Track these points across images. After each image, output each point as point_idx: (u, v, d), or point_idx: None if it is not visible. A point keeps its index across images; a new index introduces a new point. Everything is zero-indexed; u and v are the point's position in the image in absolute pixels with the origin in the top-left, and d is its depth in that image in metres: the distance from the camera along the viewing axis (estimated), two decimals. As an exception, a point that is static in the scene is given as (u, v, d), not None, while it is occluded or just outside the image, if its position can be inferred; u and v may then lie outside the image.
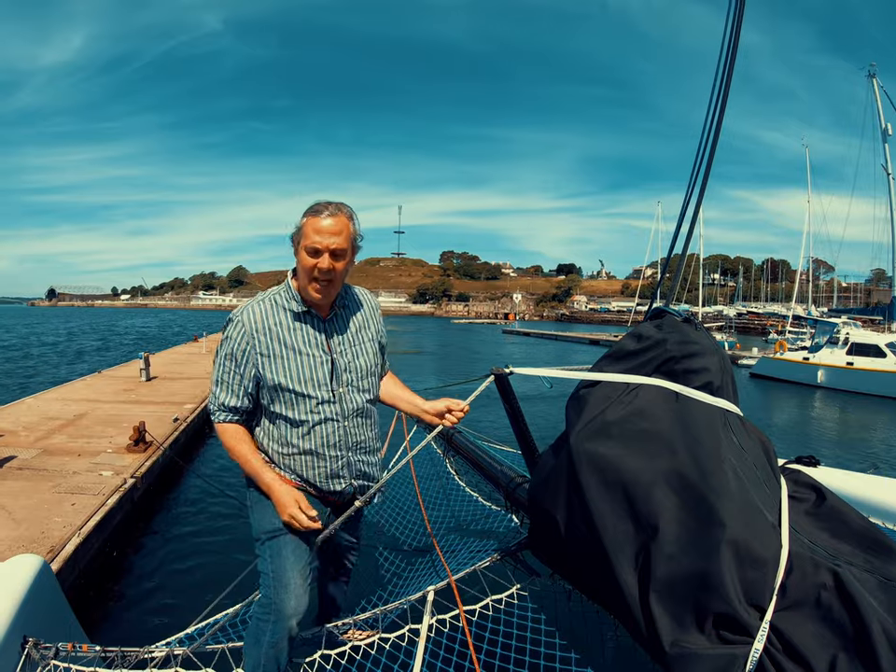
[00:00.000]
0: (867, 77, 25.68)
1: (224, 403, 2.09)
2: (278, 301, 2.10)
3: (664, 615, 1.55)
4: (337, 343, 2.14)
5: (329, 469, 2.16)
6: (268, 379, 2.04)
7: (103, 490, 5.54)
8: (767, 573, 1.53)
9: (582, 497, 1.80)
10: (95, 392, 11.43)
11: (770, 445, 2.01)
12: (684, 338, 2.06)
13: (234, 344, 2.04)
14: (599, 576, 1.77)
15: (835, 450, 12.31)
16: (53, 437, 7.53)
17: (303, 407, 2.08)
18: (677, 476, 1.70)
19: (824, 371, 22.25)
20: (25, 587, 2.17)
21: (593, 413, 1.93)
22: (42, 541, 4.35)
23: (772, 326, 50.63)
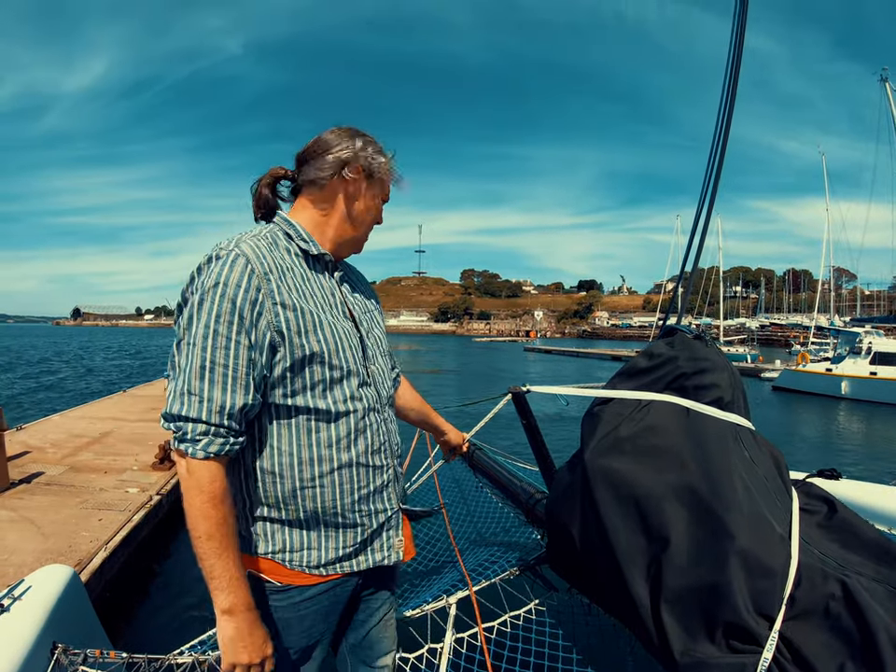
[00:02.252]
0: (880, 82, 25.60)
1: (227, 409, 1.24)
2: (278, 241, 1.42)
3: (674, 625, 1.58)
4: (353, 304, 1.55)
5: (374, 486, 1.48)
6: (296, 346, 1.31)
7: (129, 506, 5.65)
8: (776, 583, 1.55)
9: (597, 512, 1.83)
10: (121, 411, 11.55)
11: (782, 459, 2.03)
12: (694, 355, 2.10)
13: (238, 292, 1.24)
14: (614, 589, 1.80)
15: (860, 462, 12.12)
16: (80, 454, 7.66)
17: (342, 391, 1.39)
18: (687, 490, 1.73)
19: (847, 381, 22.06)
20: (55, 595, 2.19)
21: (606, 429, 1.97)
22: (70, 554, 4.47)
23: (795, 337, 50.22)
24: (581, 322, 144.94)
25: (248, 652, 1.28)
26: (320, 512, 1.39)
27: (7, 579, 3.94)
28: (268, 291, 1.28)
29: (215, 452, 1.24)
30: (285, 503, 1.37)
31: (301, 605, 1.43)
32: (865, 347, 22.36)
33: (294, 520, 1.39)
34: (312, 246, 1.45)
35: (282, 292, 1.31)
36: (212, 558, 1.23)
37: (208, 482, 1.24)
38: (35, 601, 2.12)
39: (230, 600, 1.25)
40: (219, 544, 1.23)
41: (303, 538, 1.40)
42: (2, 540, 4.68)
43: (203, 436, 1.23)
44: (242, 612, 1.26)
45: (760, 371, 29.80)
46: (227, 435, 1.26)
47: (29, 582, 2.23)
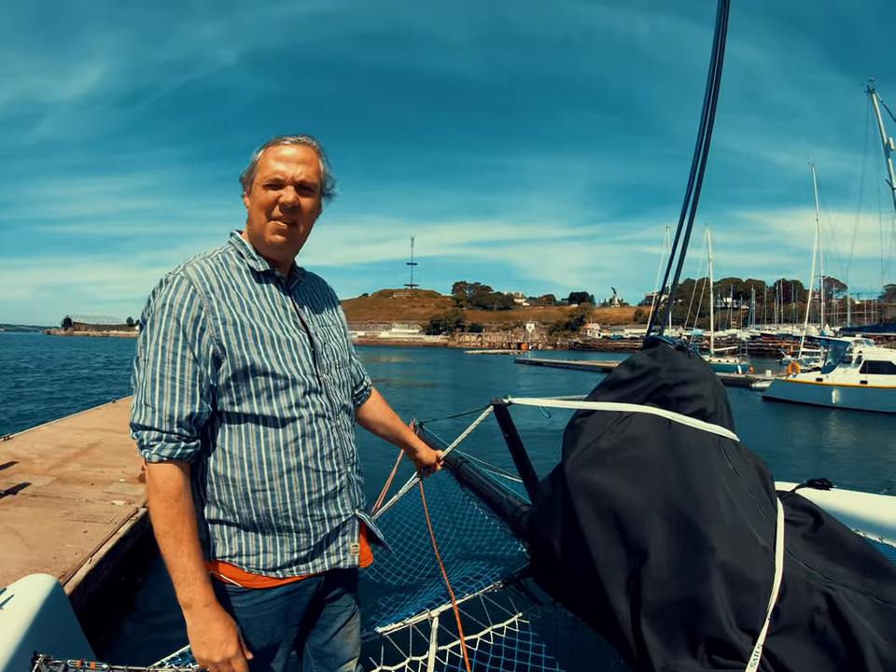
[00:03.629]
0: (867, 93, 25.87)
1: (175, 417, 1.34)
2: (228, 261, 1.51)
3: (654, 639, 1.56)
4: (308, 317, 1.61)
5: (325, 491, 1.52)
6: (236, 357, 1.39)
7: (115, 519, 5.59)
8: (759, 597, 1.54)
9: (577, 525, 1.83)
10: (109, 422, 11.45)
11: (767, 470, 2.03)
12: (676, 365, 2.09)
13: (181, 312, 1.35)
14: (595, 602, 1.79)
15: (851, 471, 12.14)
16: (67, 465, 7.59)
17: (287, 398, 1.45)
18: (667, 502, 1.72)
19: (838, 390, 22.17)
20: (37, 605, 2.17)
21: (587, 441, 1.96)
22: (54, 565, 4.41)
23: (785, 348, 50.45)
24: (573, 334, 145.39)
25: (207, 648, 1.35)
26: (272, 516, 1.45)
27: (-10, 590, 3.90)
28: (209, 308, 1.38)
29: (167, 455, 1.34)
30: (238, 507, 1.44)
31: (261, 606, 1.48)
32: (855, 356, 22.48)
33: (248, 524, 1.45)
34: (259, 264, 1.54)
35: (222, 308, 1.40)
36: (169, 554, 1.33)
37: (162, 482, 1.34)
38: (16, 610, 2.10)
39: (187, 594, 1.34)
40: (174, 539, 1.33)
41: (258, 541, 1.46)
42: (-15, 551, 4.62)
43: (157, 441, 1.34)
44: (200, 608, 1.35)
45: (750, 382, 29.90)
46: (178, 440, 1.36)
47: (11, 591, 2.21)
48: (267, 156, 1.52)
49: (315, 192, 1.56)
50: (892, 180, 24.68)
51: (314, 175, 1.55)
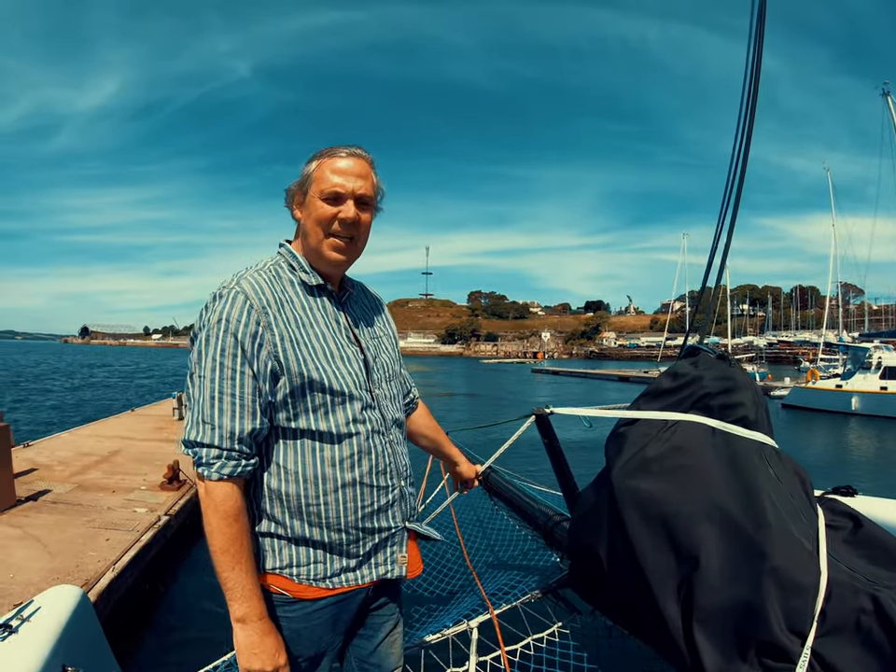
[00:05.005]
0: (882, 96, 25.74)
1: (236, 434, 1.33)
2: (280, 274, 1.50)
3: (707, 645, 1.59)
4: (360, 331, 1.60)
5: (378, 505, 1.51)
6: (294, 374, 1.38)
7: (137, 526, 5.60)
8: (808, 600, 1.56)
9: (625, 533, 1.85)
10: (128, 430, 11.54)
11: (806, 476, 2.04)
12: (719, 374, 2.11)
13: (238, 328, 1.33)
14: (642, 610, 1.81)
15: (874, 478, 12.09)
16: (88, 472, 7.63)
17: (344, 414, 1.44)
18: (717, 509, 1.74)
19: (858, 397, 21.97)
20: (65, 617, 2.14)
21: (633, 450, 1.98)
22: (76, 574, 4.41)
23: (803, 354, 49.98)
24: (589, 343, 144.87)
25: (260, 660, 1.35)
26: (325, 529, 1.45)
27: (13, 598, 3.97)
28: (266, 324, 1.37)
29: (228, 473, 1.34)
30: (291, 520, 1.44)
31: (310, 616, 1.48)
32: (875, 362, 22.25)
33: (300, 537, 1.44)
34: (312, 278, 1.52)
35: (279, 324, 1.39)
36: (226, 570, 1.32)
37: (222, 501, 1.33)
38: (44, 623, 2.08)
39: (242, 609, 1.33)
40: (232, 558, 1.32)
41: (309, 553, 1.46)
42: (8, 558, 4.69)
43: (217, 459, 1.33)
44: (254, 621, 1.34)
45: (769, 390, 29.58)
46: (238, 458, 1.35)
47: (38, 603, 2.20)
48: (323, 168, 1.48)
49: (371, 206, 1.54)
50: (908, 183, 24.38)
51: (370, 189, 1.52)
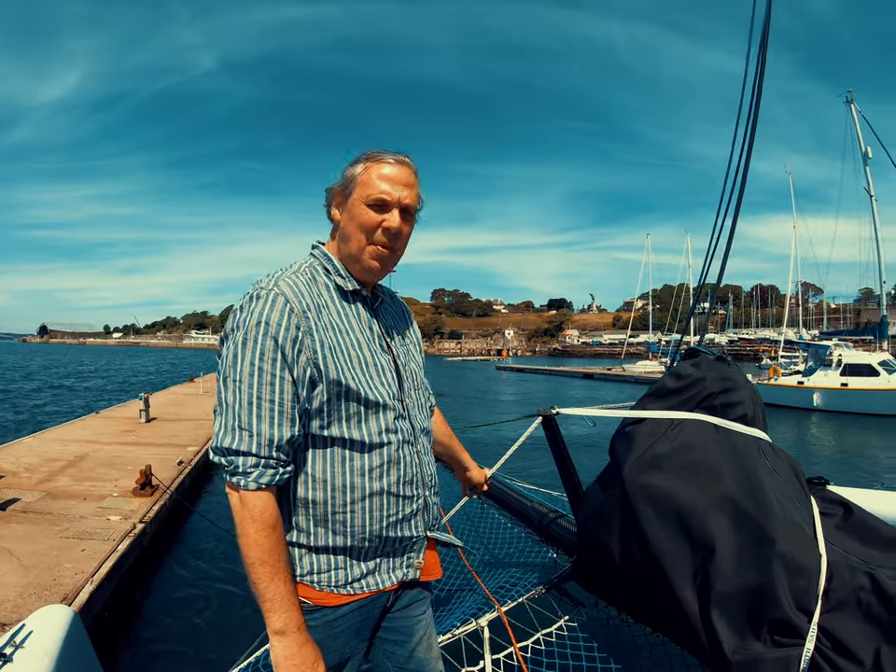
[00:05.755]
0: (846, 104, 26.43)
1: (275, 441, 1.29)
2: (316, 277, 1.46)
3: (724, 627, 1.71)
4: (392, 339, 1.58)
5: (402, 514, 1.49)
6: (332, 382, 1.35)
7: (112, 535, 5.43)
8: (812, 581, 1.70)
9: (639, 526, 1.97)
10: (95, 433, 11.23)
11: (799, 467, 2.18)
12: (720, 375, 2.26)
13: (279, 331, 1.29)
14: (657, 598, 1.93)
15: (838, 470, 12.44)
16: (57, 479, 7.38)
17: (377, 424, 1.42)
18: (728, 501, 1.87)
19: (819, 393, 22.50)
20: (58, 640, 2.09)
21: (642, 447, 2.10)
22: (54, 589, 4.25)
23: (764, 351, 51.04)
24: (552, 340, 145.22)
25: (300, 670, 1.30)
26: (348, 536, 1.42)
27: (-9, 615, 3.77)
28: (307, 329, 1.33)
29: (266, 482, 1.30)
30: (315, 528, 1.41)
31: (332, 623, 1.45)
32: (836, 360, 22.81)
33: (322, 545, 1.42)
34: (348, 282, 1.49)
35: (319, 330, 1.36)
36: (265, 582, 1.28)
37: (260, 511, 1.29)
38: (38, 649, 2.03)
39: (282, 621, 1.29)
40: (272, 569, 1.28)
41: (330, 560, 1.43)
42: (-20, 574, 4.51)
43: (254, 468, 1.29)
44: (293, 632, 1.30)
45: (732, 386, 30.14)
46: (276, 466, 1.31)
47: (30, 627, 2.16)
48: (370, 173, 1.45)
49: (413, 216, 1.52)
50: (870, 187, 25.30)
51: (415, 199, 1.50)
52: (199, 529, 7.13)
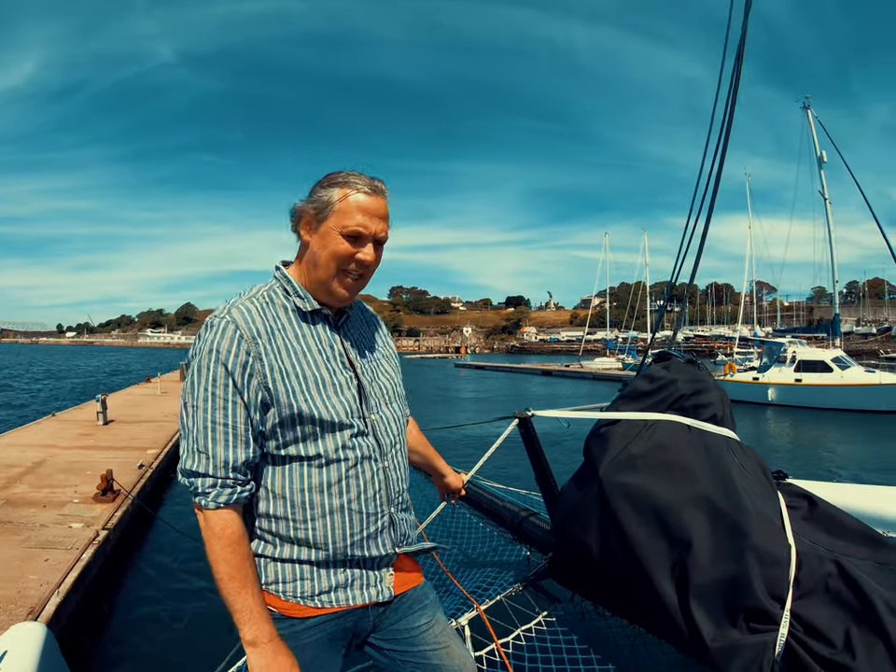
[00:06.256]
0: (803, 109, 27.12)
1: (230, 463, 1.34)
2: (274, 299, 1.48)
3: (703, 616, 1.80)
4: (355, 356, 1.56)
5: (367, 532, 1.49)
6: (283, 405, 1.38)
7: (76, 544, 5.30)
8: (784, 570, 1.80)
9: (617, 524, 2.04)
10: (52, 437, 10.89)
11: (765, 464, 2.29)
12: (691, 377, 2.35)
13: (229, 358, 1.34)
14: (636, 591, 2.02)
15: (792, 463, 12.75)
16: (15, 486, 7.16)
17: (333, 442, 1.43)
18: (703, 498, 1.97)
19: (774, 388, 23.08)
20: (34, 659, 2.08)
21: (618, 448, 2.18)
22: (20, 602, 4.12)
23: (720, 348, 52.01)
24: (510, 338, 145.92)
25: None
26: (312, 551, 1.45)
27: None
28: (256, 354, 1.37)
29: (224, 502, 1.35)
30: (280, 541, 1.44)
31: (299, 635, 1.46)
32: (790, 356, 23.40)
33: (287, 557, 1.45)
34: (306, 303, 1.50)
35: (269, 354, 1.39)
36: (233, 595, 1.33)
37: (222, 528, 1.35)
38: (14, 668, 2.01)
39: (252, 633, 1.33)
40: (240, 583, 1.33)
41: (295, 570, 1.46)
42: (-58, 586, 4.38)
43: (213, 488, 1.35)
44: (264, 643, 1.34)
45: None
46: (234, 485, 1.37)
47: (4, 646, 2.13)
48: (349, 202, 1.44)
49: (383, 246, 1.54)
50: (825, 191, 26.02)
51: (387, 230, 1.52)
52: (164, 535, 7.00)
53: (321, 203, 1.45)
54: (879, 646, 1.57)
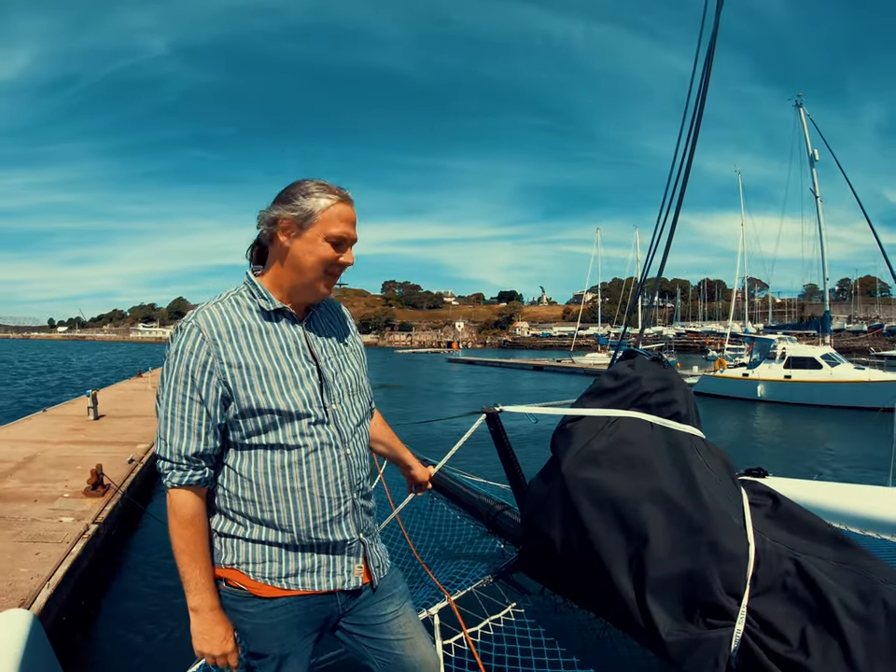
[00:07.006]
0: (795, 107, 27.16)
1: (182, 451, 1.49)
2: (240, 302, 1.61)
3: (659, 610, 1.83)
4: (319, 350, 1.68)
5: (329, 516, 1.60)
6: (242, 398, 1.51)
7: (66, 538, 5.33)
8: (740, 566, 1.83)
9: (578, 518, 2.08)
10: (42, 432, 10.90)
11: (730, 462, 2.32)
12: (655, 375, 2.39)
13: (190, 359, 1.48)
14: (597, 585, 2.04)
15: (780, 460, 12.82)
16: (5, 481, 7.18)
17: (292, 429, 1.55)
18: (660, 493, 2.00)
19: (764, 385, 23.12)
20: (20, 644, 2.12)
21: (581, 443, 2.21)
22: (11, 594, 4.16)
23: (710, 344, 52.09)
24: (502, 332, 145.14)
25: (210, 645, 1.54)
26: (279, 532, 1.57)
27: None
28: (216, 354, 1.50)
29: (177, 482, 1.51)
30: (250, 522, 1.57)
31: (268, 613, 1.59)
32: (780, 353, 23.40)
33: (255, 538, 1.57)
34: (268, 304, 1.61)
35: (228, 352, 1.52)
36: (183, 567, 1.52)
37: (178, 506, 1.53)
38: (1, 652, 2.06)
39: (196, 601, 1.53)
40: (189, 557, 1.52)
41: (264, 551, 1.58)
42: (-67, 581, 4.37)
43: (169, 470, 1.52)
44: (205, 611, 1.54)
45: (680, 378, 30.63)
46: (186, 469, 1.52)
47: None
48: (332, 212, 1.58)
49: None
50: (816, 189, 26.14)
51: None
52: (152, 529, 7.02)
53: (304, 211, 1.57)
54: (834, 645, 1.60)
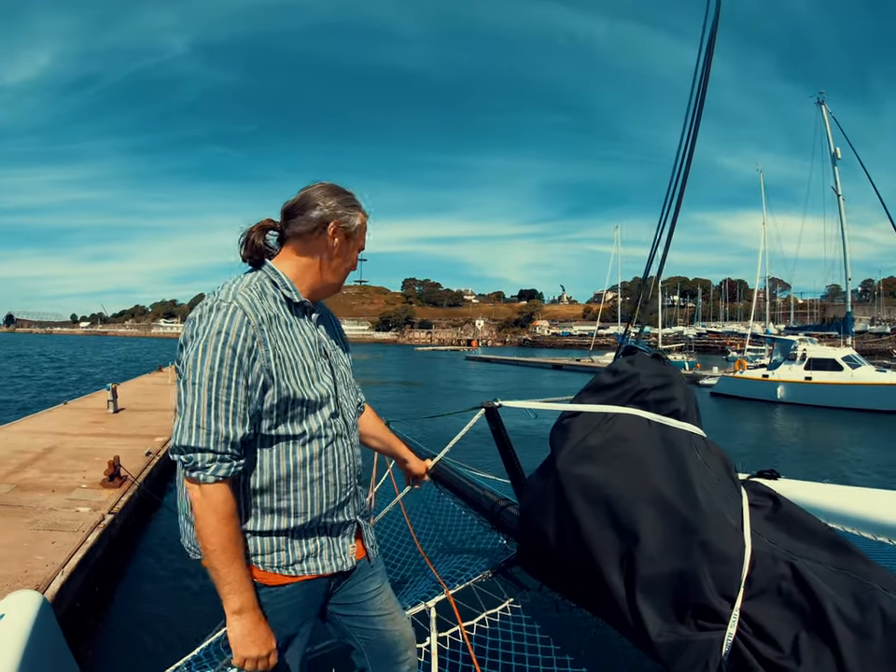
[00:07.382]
0: (817, 105, 26.88)
1: (229, 438, 1.42)
2: (266, 290, 1.59)
3: (649, 610, 1.80)
4: (327, 344, 1.74)
5: (339, 501, 1.67)
6: (282, 388, 1.50)
7: (82, 527, 5.45)
8: (734, 568, 1.78)
9: (572, 514, 2.05)
10: (63, 425, 11.10)
11: (730, 461, 2.27)
12: (654, 372, 2.35)
13: (237, 341, 1.42)
14: (589, 583, 2.01)
15: (799, 462, 12.70)
16: (25, 471, 7.33)
17: (316, 421, 1.59)
18: (654, 491, 1.96)
19: (784, 386, 22.88)
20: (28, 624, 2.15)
21: (576, 439, 2.19)
22: (25, 580, 4.27)
23: (731, 345, 51.59)
24: (522, 331, 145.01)
25: (257, 646, 1.48)
26: (291, 518, 1.58)
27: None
28: (262, 340, 1.48)
29: (223, 475, 1.44)
30: (261, 514, 1.56)
31: (274, 601, 1.60)
32: (800, 354, 23.14)
33: (266, 530, 1.56)
34: (294, 295, 1.64)
35: (271, 339, 1.51)
36: (224, 567, 1.44)
37: (221, 502, 1.44)
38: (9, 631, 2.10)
39: (240, 601, 1.46)
40: (231, 554, 1.44)
41: (273, 542, 1.58)
42: (-49, 566, 4.53)
43: (212, 463, 1.43)
44: (249, 612, 1.48)
45: (698, 378, 30.35)
46: (231, 459, 1.45)
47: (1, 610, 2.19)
48: (364, 226, 1.75)
49: None
50: (838, 187, 25.82)
51: None
52: (168, 521, 7.13)
53: (353, 225, 1.70)
54: (827, 653, 1.56)
